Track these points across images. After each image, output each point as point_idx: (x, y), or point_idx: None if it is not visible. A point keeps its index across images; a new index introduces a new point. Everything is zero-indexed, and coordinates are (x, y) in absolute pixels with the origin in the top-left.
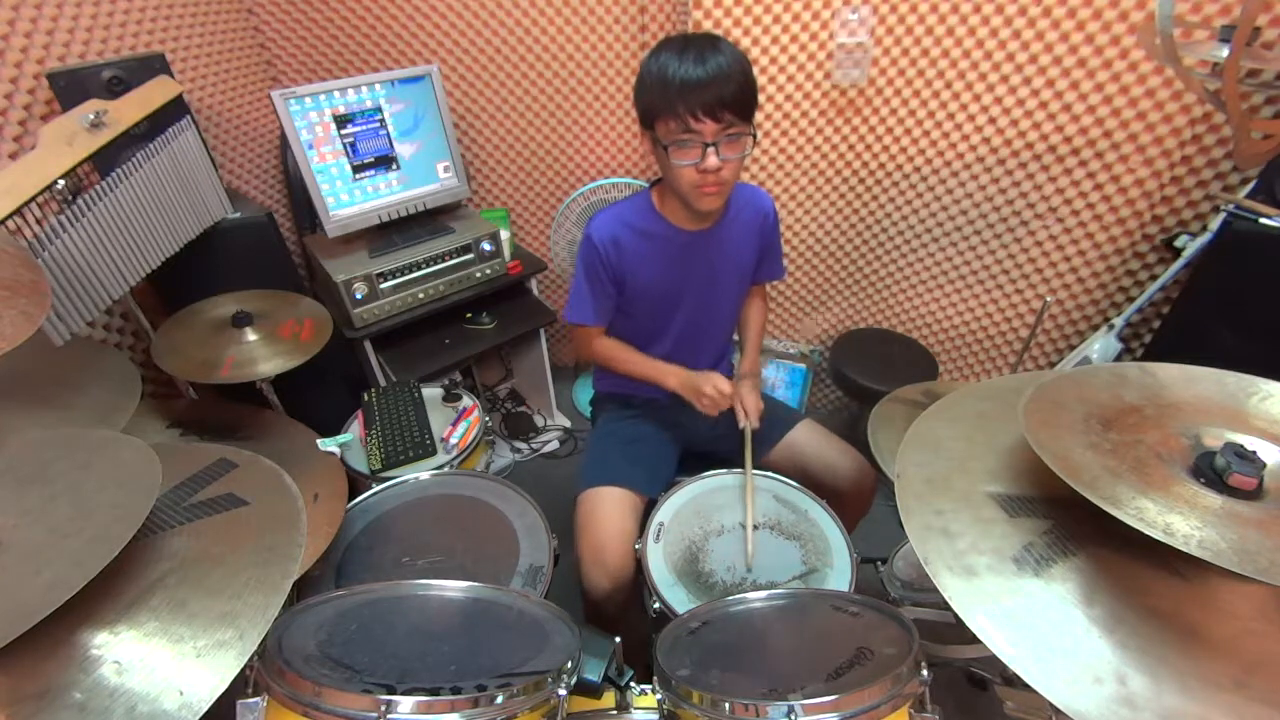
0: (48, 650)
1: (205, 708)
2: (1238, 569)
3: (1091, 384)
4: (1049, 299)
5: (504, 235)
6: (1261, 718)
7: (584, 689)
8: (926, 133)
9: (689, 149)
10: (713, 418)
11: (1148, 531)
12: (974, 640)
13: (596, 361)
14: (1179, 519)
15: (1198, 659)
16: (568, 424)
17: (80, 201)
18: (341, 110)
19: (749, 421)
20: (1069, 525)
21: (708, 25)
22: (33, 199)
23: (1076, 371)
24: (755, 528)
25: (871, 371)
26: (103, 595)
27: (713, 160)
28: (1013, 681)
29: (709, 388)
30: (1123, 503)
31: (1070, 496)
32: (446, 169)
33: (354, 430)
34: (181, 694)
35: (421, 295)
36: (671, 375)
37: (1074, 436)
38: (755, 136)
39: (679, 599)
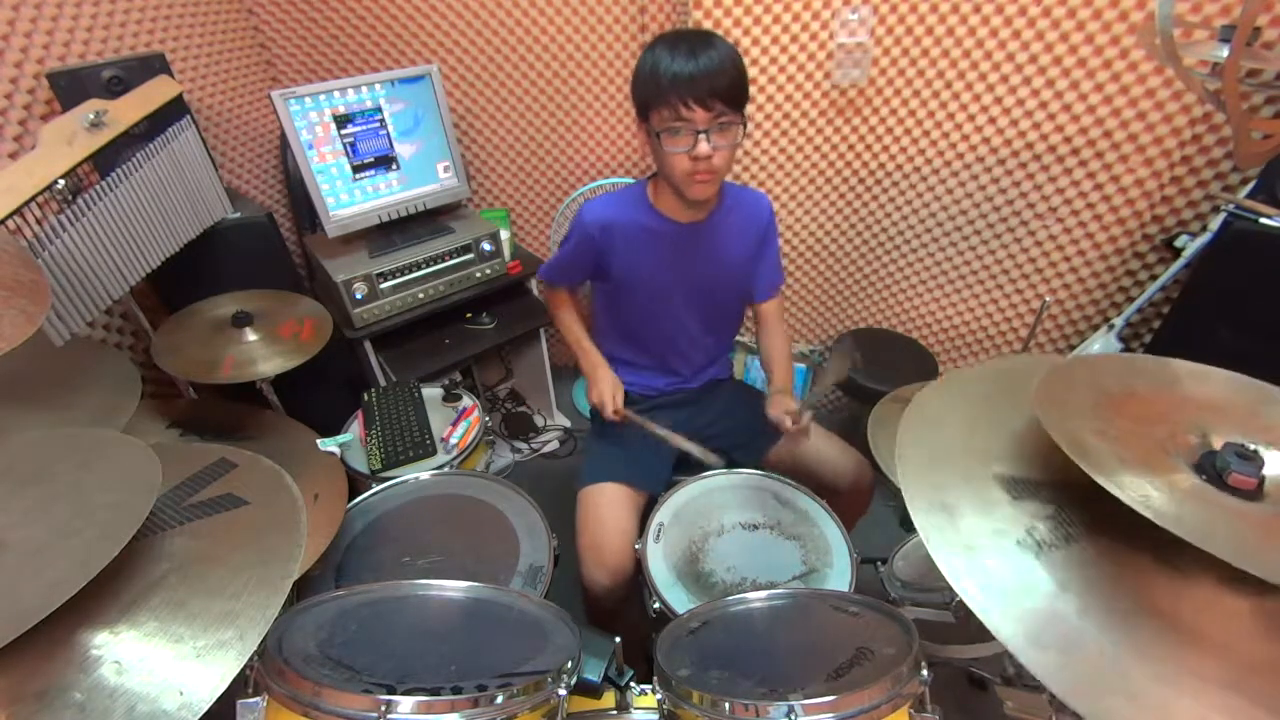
0: (48, 650)
1: (205, 708)
2: (1226, 557)
3: (1104, 372)
4: (1048, 299)
5: (504, 235)
6: (1259, 718)
7: (584, 689)
8: (926, 133)
9: (681, 137)
10: (712, 413)
11: (1144, 512)
12: (974, 640)
13: (555, 317)
14: (1167, 498)
15: (1195, 657)
16: (568, 424)
17: (80, 201)
18: (341, 110)
19: (797, 416)
20: (1072, 511)
21: (708, 25)
22: (33, 199)
23: (1091, 358)
24: (757, 527)
25: (871, 371)
26: (103, 595)
27: (704, 147)
28: (1013, 681)
29: (597, 394)
30: (1126, 486)
31: (1075, 482)
32: (446, 169)
33: (354, 430)
34: (182, 694)
35: (421, 295)
36: (585, 358)
37: (1082, 421)
38: (746, 126)
39: (679, 599)
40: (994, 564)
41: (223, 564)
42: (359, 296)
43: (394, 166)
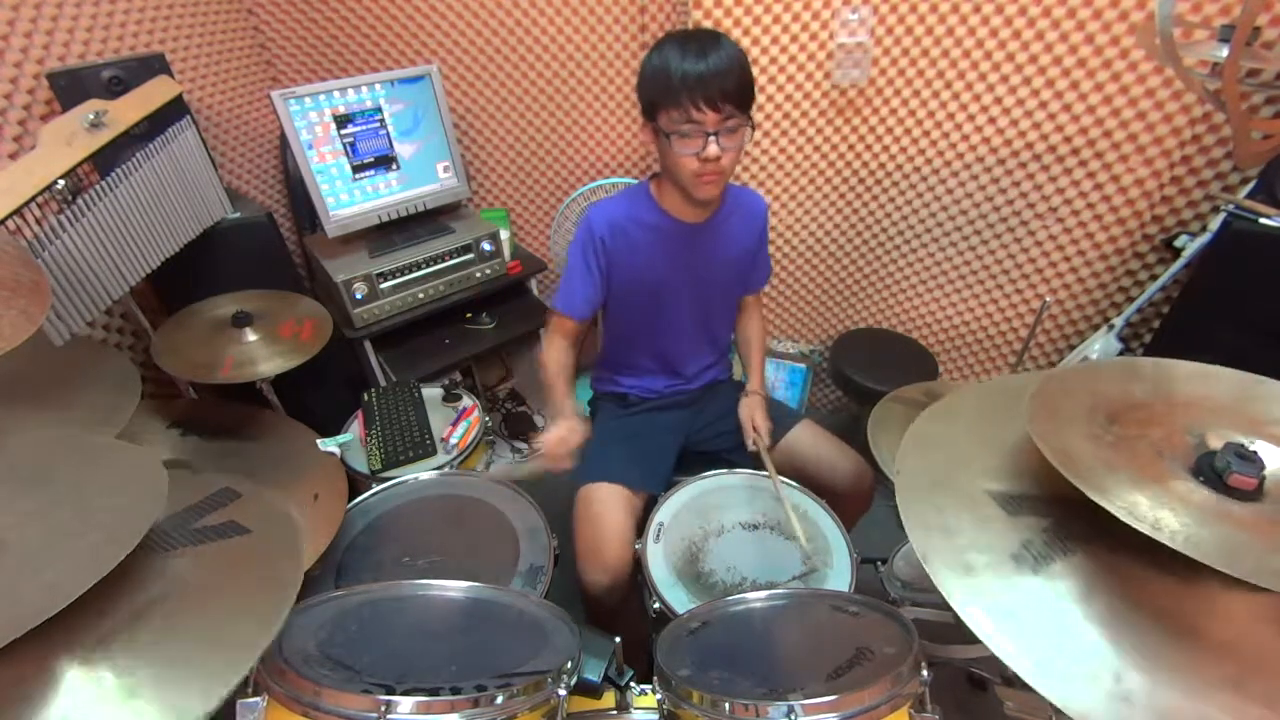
0: (17, 672)
1: None
2: (1223, 568)
3: (1102, 377)
4: (1048, 299)
5: (504, 235)
6: (1259, 718)
7: (584, 689)
8: (926, 133)
9: (691, 139)
10: (711, 414)
11: (1134, 525)
12: (974, 640)
13: (543, 357)
14: (1169, 514)
15: (1195, 658)
16: None
17: (80, 201)
18: (341, 110)
19: (760, 439)
20: (1069, 523)
21: (707, 25)
22: (33, 199)
23: (1089, 364)
24: (757, 527)
25: (871, 371)
26: (94, 613)
27: (713, 149)
28: (1013, 681)
29: (549, 434)
30: (1114, 495)
31: (1070, 494)
32: (446, 169)
33: (354, 430)
34: None
35: (421, 295)
36: (557, 410)
37: (1075, 428)
38: (752, 127)
39: (679, 599)
40: (991, 581)
41: (216, 592)
42: (359, 296)
43: (394, 166)
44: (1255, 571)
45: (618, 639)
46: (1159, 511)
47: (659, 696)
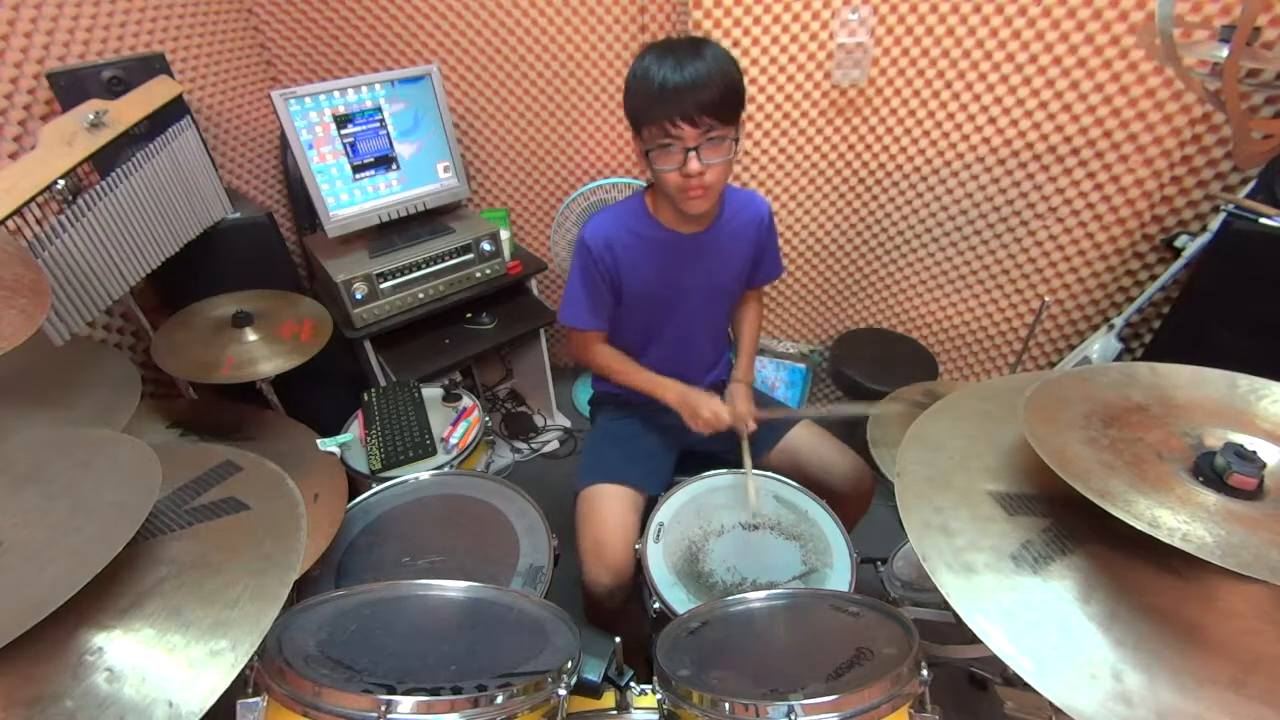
0: (42, 655)
1: None
2: (1220, 562)
3: (1098, 382)
4: (1047, 299)
5: (504, 235)
6: (1258, 717)
7: (584, 689)
8: (926, 133)
9: (671, 154)
10: None
11: (1134, 524)
12: (974, 640)
13: (595, 370)
14: (1168, 513)
15: (1195, 657)
16: (568, 424)
17: (80, 201)
18: (341, 110)
19: (745, 427)
20: (1068, 523)
21: (708, 25)
22: (33, 199)
23: (1085, 369)
24: (757, 528)
25: (871, 371)
26: (99, 599)
27: (694, 165)
28: (1013, 681)
29: (706, 412)
30: (1113, 496)
31: (1069, 494)
32: (446, 169)
33: (354, 430)
34: (170, 705)
35: (421, 295)
36: (670, 390)
37: (1072, 432)
38: (738, 139)
39: (679, 599)
40: (991, 581)
41: (220, 571)
42: (359, 296)
43: (394, 166)
44: (1255, 565)
45: (618, 639)
46: (1157, 511)
47: (659, 696)
